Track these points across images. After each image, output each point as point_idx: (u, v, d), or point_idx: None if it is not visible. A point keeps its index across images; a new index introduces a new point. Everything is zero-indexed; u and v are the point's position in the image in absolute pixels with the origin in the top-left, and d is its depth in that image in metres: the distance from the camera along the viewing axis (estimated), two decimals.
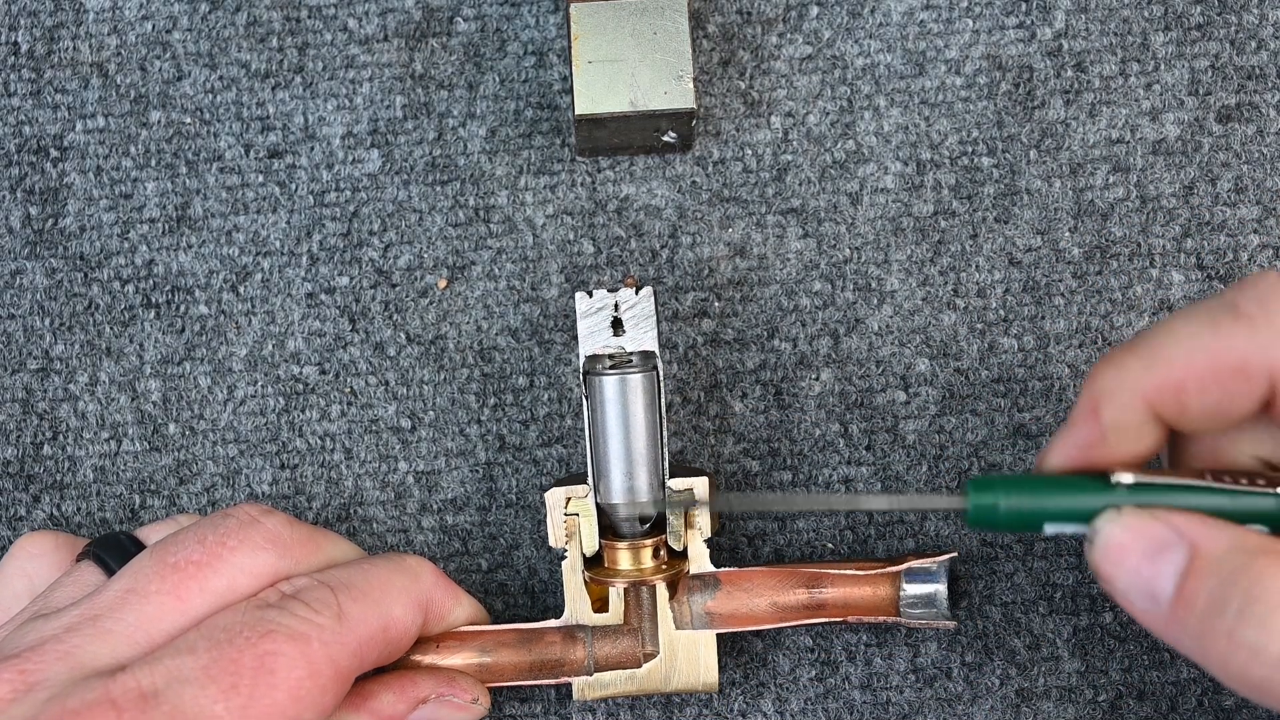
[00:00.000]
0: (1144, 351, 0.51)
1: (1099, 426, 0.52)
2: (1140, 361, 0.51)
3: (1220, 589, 0.48)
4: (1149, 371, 0.51)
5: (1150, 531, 0.50)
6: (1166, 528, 0.50)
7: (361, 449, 0.65)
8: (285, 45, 0.67)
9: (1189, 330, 0.51)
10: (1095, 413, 0.52)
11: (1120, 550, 0.50)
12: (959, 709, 0.64)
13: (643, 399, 0.60)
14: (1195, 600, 0.48)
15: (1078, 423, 0.53)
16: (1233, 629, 0.47)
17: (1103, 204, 0.66)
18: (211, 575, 0.54)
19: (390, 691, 0.58)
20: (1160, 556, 0.49)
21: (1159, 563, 0.49)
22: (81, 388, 0.65)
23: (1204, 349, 0.50)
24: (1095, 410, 0.52)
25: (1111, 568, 0.50)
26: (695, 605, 0.61)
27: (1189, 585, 0.49)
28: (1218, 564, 0.48)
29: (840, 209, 0.66)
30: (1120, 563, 0.50)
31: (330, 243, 0.66)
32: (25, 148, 0.67)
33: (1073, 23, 0.67)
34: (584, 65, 0.62)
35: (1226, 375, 0.50)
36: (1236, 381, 0.50)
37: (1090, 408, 0.52)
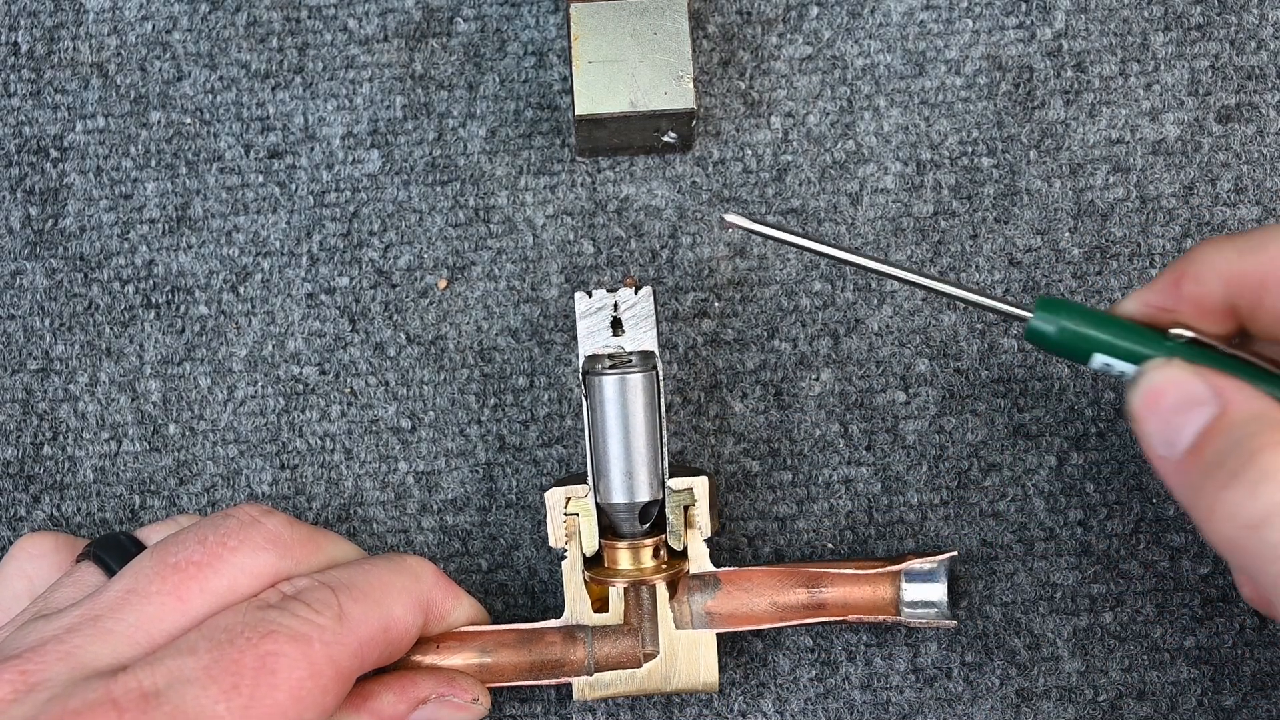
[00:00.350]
0: (1241, 241, 0.53)
1: (1176, 295, 0.54)
2: (1236, 248, 0.53)
3: (1230, 446, 0.50)
4: (1240, 258, 0.53)
5: (1189, 385, 0.52)
6: (1206, 385, 0.51)
7: (361, 449, 0.65)
8: (285, 45, 0.67)
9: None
10: (1178, 283, 0.54)
11: (1157, 395, 0.52)
12: (959, 709, 0.64)
13: (642, 398, 0.60)
14: (1205, 454, 0.50)
15: (1157, 287, 0.54)
16: (1223, 486, 0.49)
17: (1103, 204, 0.66)
18: (212, 576, 0.54)
19: (390, 692, 0.58)
20: (1191, 410, 0.51)
21: (1188, 414, 0.51)
22: (81, 388, 0.65)
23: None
24: (1179, 281, 0.54)
25: (1145, 410, 0.52)
26: (695, 605, 0.61)
27: (1205, 439, 0.50)
28: (1238, 426, 0.50)
29: (840, 209, 0.66)
30: (1154, 407, 0.52)
31: (330, 243, 0.66)
32: (25, 148, 0.67)
33: (1073, 23, 0.67)
34: (584, 65, 0.62)
35: None
36: None
37: (1175, 278, 0.54)
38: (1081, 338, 0.54)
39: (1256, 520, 0.48)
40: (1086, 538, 0.64)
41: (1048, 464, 0.64)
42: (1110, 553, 0.64)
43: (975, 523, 0.64)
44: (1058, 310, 0.55)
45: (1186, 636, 0.63)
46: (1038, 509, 0.64)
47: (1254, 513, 0.48)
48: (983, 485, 0.64)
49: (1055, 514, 0.64)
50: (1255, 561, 0.49)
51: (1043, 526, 0.64)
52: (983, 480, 0.64)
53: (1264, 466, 0.49)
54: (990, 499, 0.64)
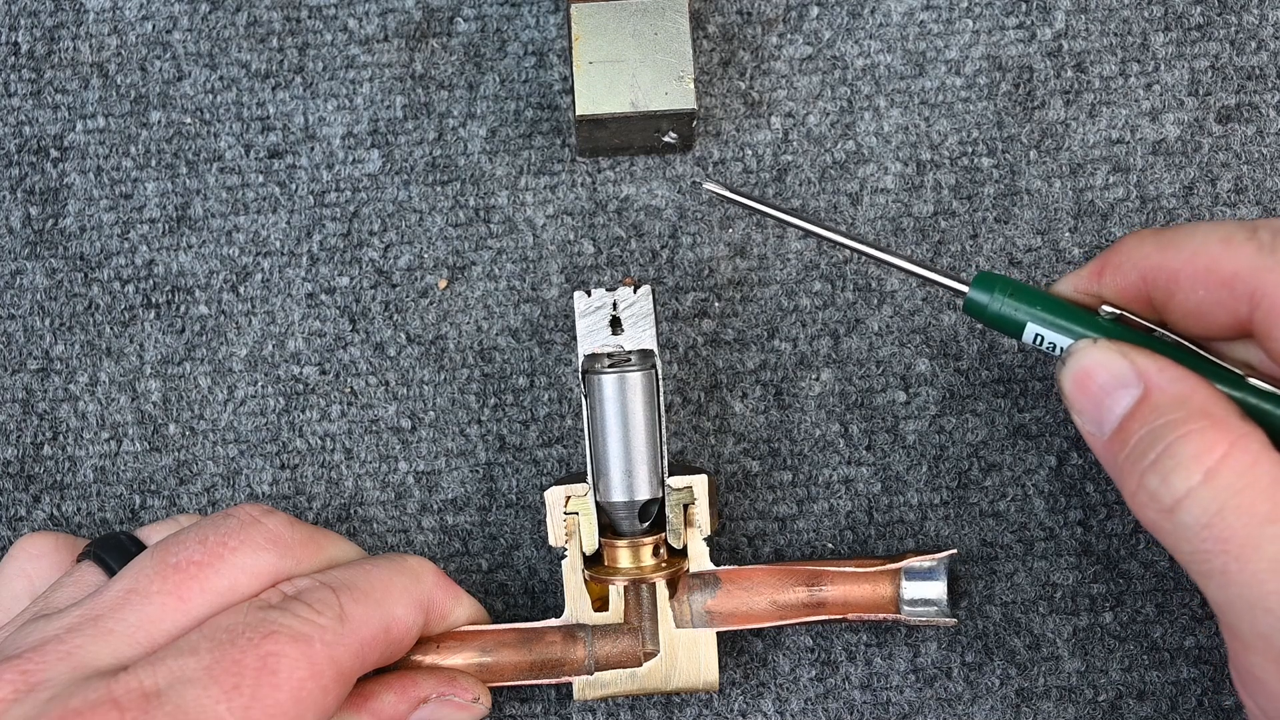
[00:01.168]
0: (1163, 237, 0.55)
1: (1099, 282, 0.56)
2: (1154, 244, 0.55)
3: (1149, 435, 0.52)
4: (1157, 253, 0.55)
5: (1114, 366, 0.54)
6: (1130, 366, 0.54)
7: (362, 449, 0.65)
8: (285, 45, 0.67)
9: (1205, 234, 0.54)
10: (1101, 271, 0.56)
11: (1085, 376, 0.54)
12: (959, 709, 0.64)
13: (641, 397, 0.60)
14: (1128, 438, 0.53)
15: (1084, 272, 0.57)
16: (1144, 473, 0.52)
17: (1103, 204, 0.66)
18: (213, 576, 0.54)
19: (391, 692, 0.58)
20: (1116, 391, 0.54)
21: (1114, 395, 0.54)
22: (81, 388, 0.65)
23: (1208, 253, 0.54)
24: (1101, 269, 0.56)
25: (1074, 391, 0.55)
26: (695, 604, 0.61)
27: (1128, 424, 0.53)
28: (1157, 411, 0.52)
29: (840, 209, 0.66)
30: (1082, 388, 0.54)
31: (330, 243, 0.66)
32: (25, 148, 0.67)
33: (1073, 23, 0.67)
34: (585, 66, 0.62)
35: (1215, 282, 0.53)
36: (1223, 291, 0.53)
37: (1099, 267, 0.56)
38: (1015, 310, 0.56)
39: (1169, 505, 0.51)
40: (1086, 538, 0.64)
41: (1048, 464, 0.64)
42: (1110, 553, 0.64)
43: (975, 523, 0.64)
44: (994, 284, 0.56)
45: (1186, 636, 0.63)
46: (1038, 509, 0.64)
47: (1167, 498, 0.51)
48: (983, 485, 0.65)
49: (1055, 514, 0.64)
50: (1171, 542, 0.52)
51: (1043, 526, 0.64)
52: (983, 480, 0.65)
53: (1177, 454, 0.51)
54: (990, 499, 0.64)
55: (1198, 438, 0.51)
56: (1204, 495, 0.50)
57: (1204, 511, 0.50)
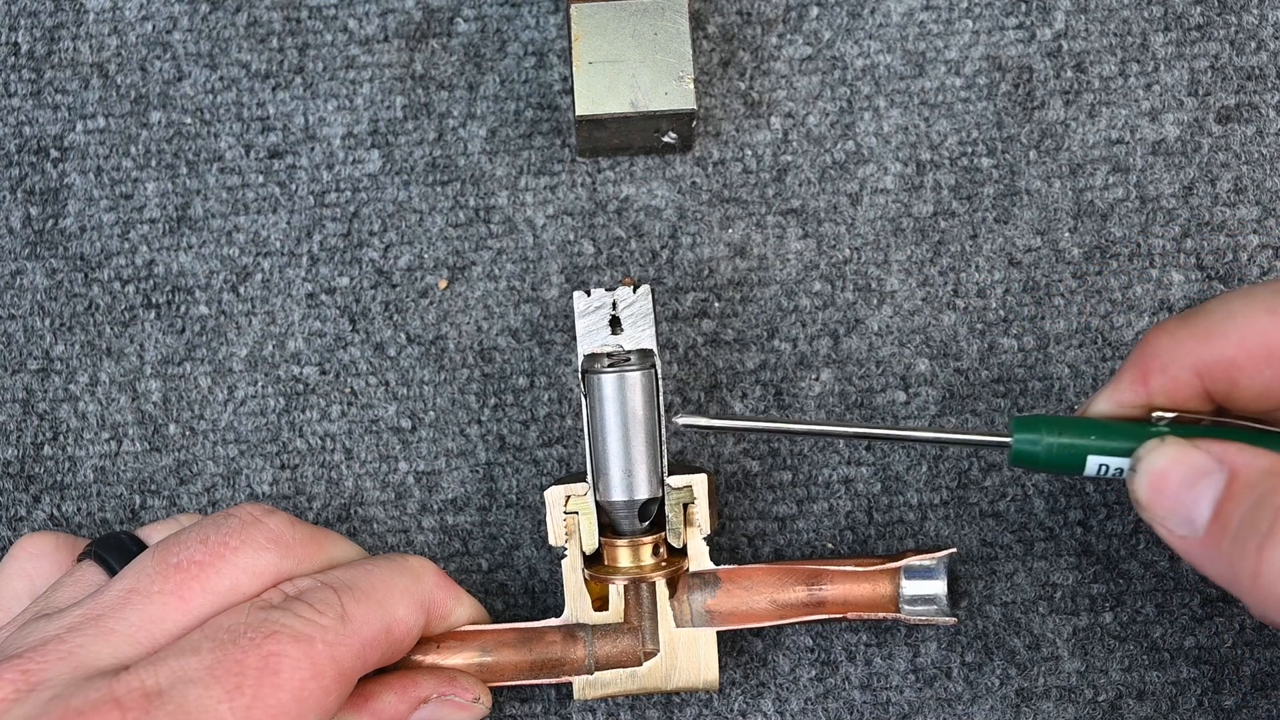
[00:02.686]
0: (1200, 326, 0.52)
1: (1146, 391, 0.53)
2: (1195, 336, 0.52)
3: (1254, 508, 0.49)
4: (1203, 346, 0.52)
5: (1191, 459, 0.51)
6: (1206, 455, 0.51)
7: (362, 449, 0.65)
8: (285, 46, 0.67)
9: (1246, 311, 0.52)
10: (1145, 379, 0.53)
11: (1161, 478, 0.51)
12: (959, 709, 0.64)
13: (641, 397, 0.60)
14: (1230, 521, 0.49)
15: (1124, 385, 0.54)
16: (1262, 545, 0.48)
17: (1103, 204, 0.66)
18: (214, 575, 0.54)
19: (392, 692, 0.58)
20: (1200, 482, 0.51)
21: (1198, 488, 0.50)
22: (82, 388, 0.65)
23: (1257, 330, 0.51)
24: (1145, 377, 0.53)
25: (1152, 495, 0.51)
26: (695, 603, 0.61)
27: (1225, 507, 0.50)
28: (1254, 485, 0.49)
29: (840, 209, 0.66)
30: (1161, 490, 0.51)
31: (330, 243, 0.66)
32: (25, 148, 0.67)
33: (1072, 23, 0.67)
34: (584, 66, 0.62)
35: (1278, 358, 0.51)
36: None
37: (1140, 373, 0.53)
38: (1069, 448, 0.54)
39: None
40: (1086, 538, 0.64)
41: None
42: (1110, 553, 0.64)
43: (975, 523, 0.64)
44: (1036, 427, 0.54)
45: (1186, 636, 0.63)
46: (1038, 509, 0.64)
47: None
48: (983, 485, 0.65)
49: (1055, 514, 0.64)
50: None
51: (1043, 526, 0.64)
52: (983, 480, 0.65)
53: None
54: (990, 499, 0.64)
55: None
56: None
57: None
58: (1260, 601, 0.49)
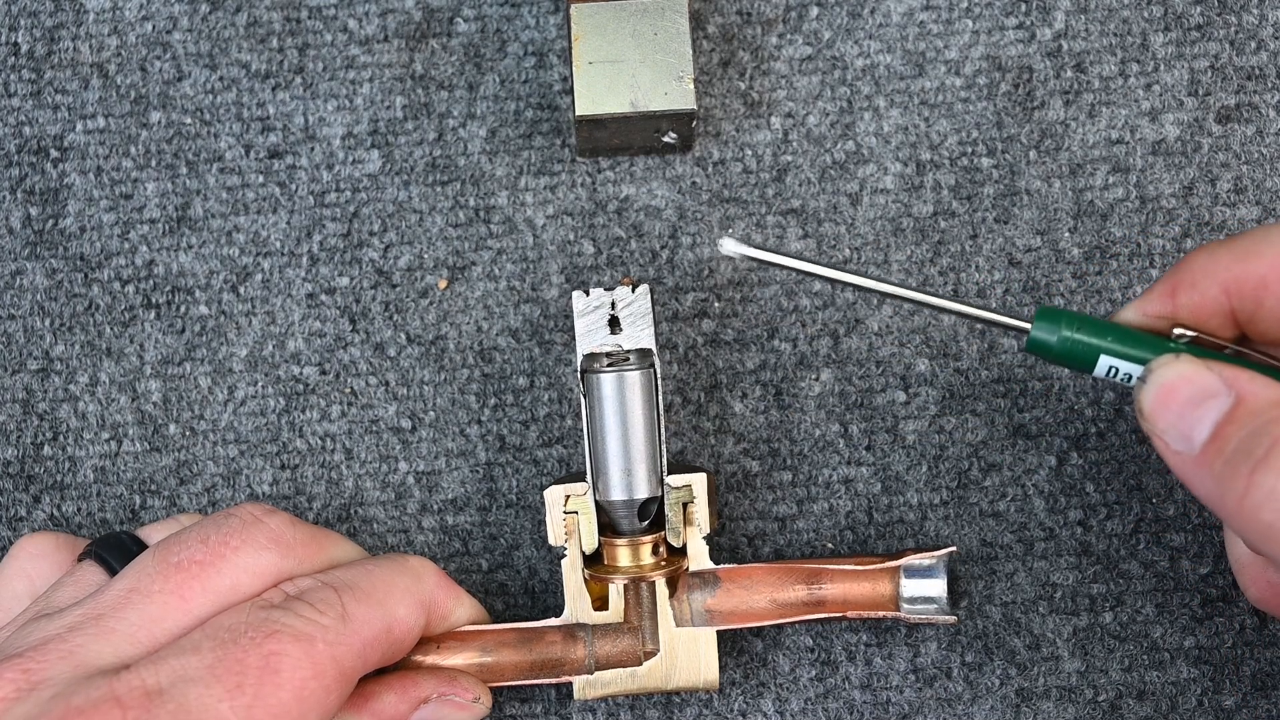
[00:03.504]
0: (1237, 245, 0.53)
1: (1174, 302, 0.54)
2: (1231, 253, 0.53)
3: (1252, 435, 0.49)
4: (1236, 263, 0.53)
5: (1201, 378, 0.51)
6: (1217, 378, 0.51)
7: (362, 449, 0.65)
8: (285, 46, 0.67)
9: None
10: (1174, 291, 0.54)
11: (1169, 392, 0.52)
12: (959, 709, 0.64)
13: (640, 396, 0.60)
14: (1226, 444, 0.50)
15: (1155, 295, 0.54)
16: (1254, 471, 0.48)
17: (1103, 204, 0.66)
18: (215, 575, 0.54)
19: (392, 692, 0.58)
20: (1205, 402, 0.51)
21: (1202, 407, 0.51)
22: (82, 388, 0.65)
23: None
24: (1175, 288, 0.54)
25: (1157, 407, 0.52)
26: (695, 603, 0.61)
27: (1224, 429, 0.50)
28: (1257, 413, 0.50)
29: (840, 209, 0.66)
30: (1166, 404, 0.52)
31: (330, 243, 0.66)
32: (25, 148, 0.67)
33: (1072, 23, 0.67)
34: (584, 66, 0.62)
35: None
36: None
37: (1170, 287, 0.54)
38: (1084, 344, 0.54)
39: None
40: (1086, 538, 0.64)
41: (1048, 464, 0.64)
42: (1110, 553, 0.64)
43: (975, 523, 0.64)
44: (1058, 319, 0.54)
45: (1186, 636, 0.63)
46: (1038, 509, 0.64)
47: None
48: (983, 485, 0.65)
49: (1055, 514, 0.64)
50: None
51: (1043, 526, 0.64)
52: (983, 480, 0.65)
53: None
54: (990, 499, 0.64)
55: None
56: None
57: None
58: (1243, 525, 0.49)
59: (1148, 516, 0.64)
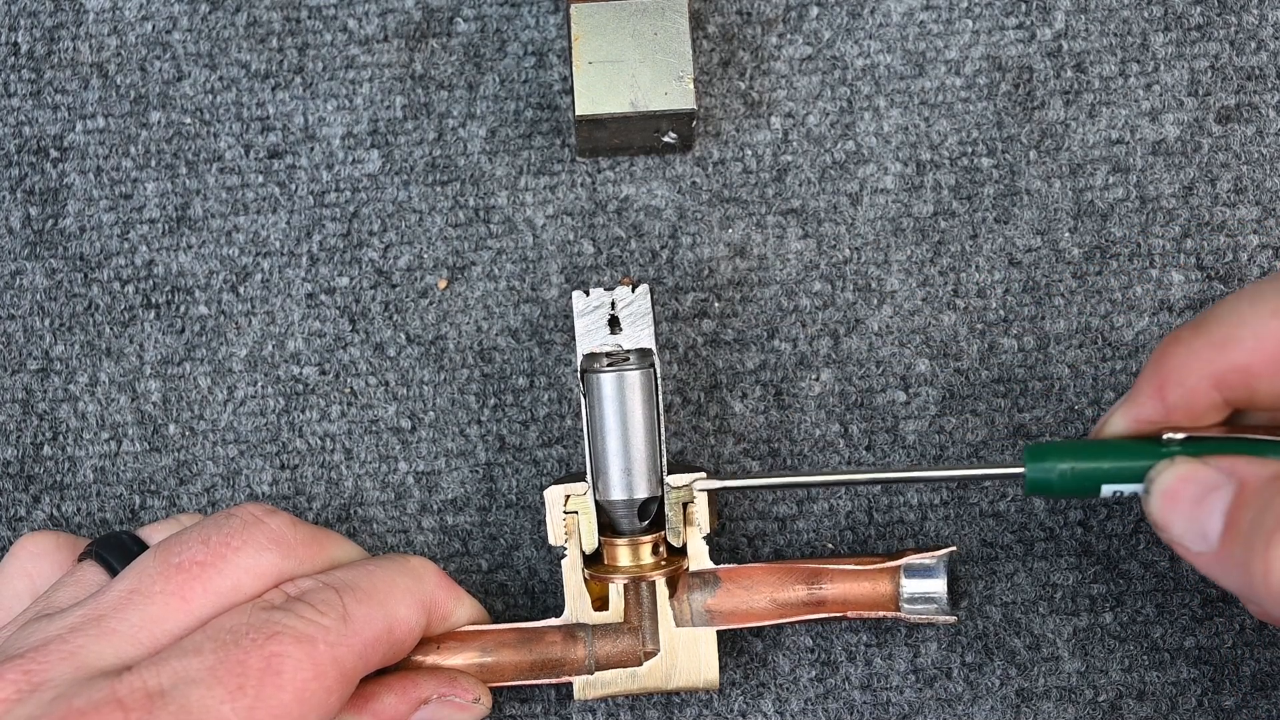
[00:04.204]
0: (1213, 332, 0.52)
1: (1163, 405, 0.54)
2: (1209, 344, 0.52)
3: (1261, 511, 0.49)
4: (1219, 354, 0.52)
5: (1201, 475, 0.52)
6: (1215, 470, 0.51)
7: (361, 449, 0.65)
8: (285, 45, 0.67)
9: (1256, 316, 0.52)
10: (1161, 391, 0.53)
11: (1173, 497, 0.52)
12: (959, 709, 0.64)
13: (640, 396, 0.60)
14: (1239, 528, 0.50)
15: (1141, 399, 0.54)
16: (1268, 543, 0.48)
17: (1103, 204, 0.66)
18: (215, 576, 0.54)
19: (392, 693, 0.58)
20: (1210, 496, 0.51)
21: (1208, 502, 0.51)
22: (81, 388, 0.65)
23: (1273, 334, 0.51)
24: (1161, 389, 0.53)
25: (1166, 514, 0.52)
26: (695, 603, 0.61)
27: (1235, 515, 0.50)
28: (1261, 490, 0.50)
29: (840, 209, 0.66)
30: (1174, 508, 0.52)
31: (330, 243, 0.66)
32: (25, 148, 0.67)
33: (1072, 23, 0.67)
34: (584, 66, 0.62)
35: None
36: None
37: (1156, 386, 0.54)
38: (1083, 475, 0.54)
39: None
40: (1086, 538, 0.64)
41: None
42: (1110, 553, 0.64)
43: (975, 523, 0.64)
44: (1048, 455, 0.55)
45: (1186, 636, 0.63)
46: (1038, 509, 0.64)
47: None
48: (983, 485, 0.65)
49: (1055, 514, 0.64)
50: None
51: (1043, 526, 0.64)
52: (983, 480, 0.65)
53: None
54: (990, 499, 0.64)
55: None
56: None
57: None
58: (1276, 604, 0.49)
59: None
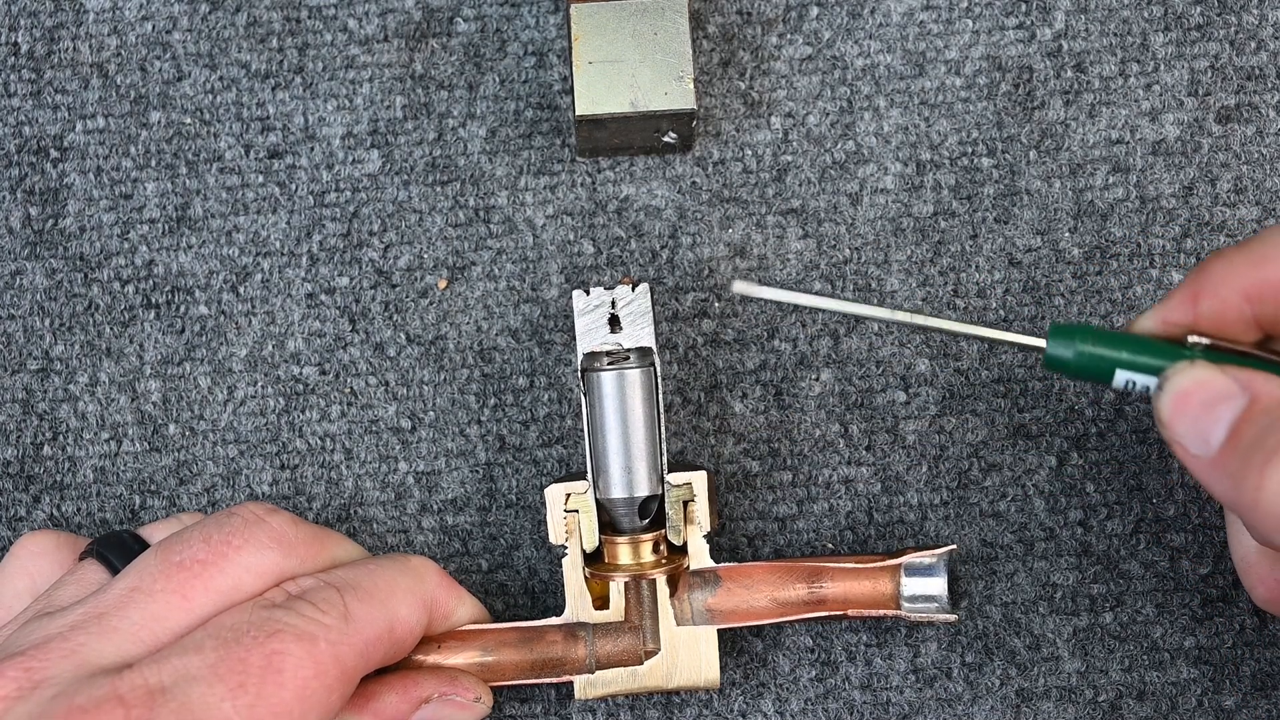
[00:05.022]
0: (1254, 250, 0.53)
1: (1194, 311, 0.54)
2: (1248, 260, 0.53)
3: (1266, 429, 0.50)
4: (1255, 269, 0.53)
5: (1216, 382, 0.52)
6: (1232, 380, 0.52)
7: (362, 449, 0.65)
8: (285, 45, 0.67)
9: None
10: (1194, 298, 0.54)
11: (1185, 397, 0.52)
12: (959, 709, 0.64)
13: (640, 394, 0.60)
14: (1241, 443, 0.50)
15: (1173, 304, 0.55)
16: (1265, 464, 0.49)
17: (1103, 204, 0.66)
18: (217, 574, 0.54)
19: (393, 692, 0.58)
20: (1220, 404, 0.52)
21: (1218, 409, 0.52)
22: (81, 388, 0.65)
23: None
24: (1195, 297, 0.54)
25: (1174, 414, 0.52)
26: (696, 602, 0.61)
27: (1240, 428, 0.51)
28: (1271, 409, 0.51)
29: (840, 209, 0.66)
30: (1183, 409, 0.52)
31: (330, 243, 0.66)
32: (25, 148, 0.67)
33: (1072, 23, 0.67)
34: (584, 66, 0.62)
35: None
36: None
37: (1191, 294, 0.54)
38: (1101, 358, 0.54)
39: None
40: (1086, 538, 0.64)
41: (1048, 464, 0.64)
42: (1110, 553, 0.64)
43: (975, 523, 0.64)
44: (1072, 335, 0.55)
45: (1186, 636, 0.63)
46: (1038, 509, 0.64)
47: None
48: (983, 485, 0.65)
49: (1055, 514, 0.64)
50: None
51: (1043, 526, 0.64)
52: (983, 480, 0.65)
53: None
54: (990, 499, 0.64)
55: None
56: None
57: None
58: (1258, 519, 0.50)
59: (1148, 516, 0.64)
